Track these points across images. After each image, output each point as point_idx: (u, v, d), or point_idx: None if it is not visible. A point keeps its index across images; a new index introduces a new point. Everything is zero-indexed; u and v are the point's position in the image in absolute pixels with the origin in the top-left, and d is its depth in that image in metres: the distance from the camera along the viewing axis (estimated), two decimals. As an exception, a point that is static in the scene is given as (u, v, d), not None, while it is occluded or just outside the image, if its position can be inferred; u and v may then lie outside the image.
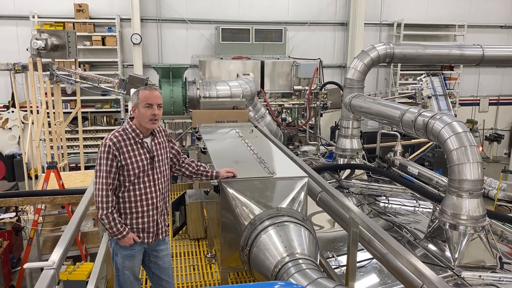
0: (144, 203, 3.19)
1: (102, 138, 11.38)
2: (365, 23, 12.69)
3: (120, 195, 3.15)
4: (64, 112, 9.86)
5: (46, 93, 8.73)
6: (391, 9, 13.32)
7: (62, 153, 9.55)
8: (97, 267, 3.35)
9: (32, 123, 8.81)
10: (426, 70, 12.59)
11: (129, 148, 3.12)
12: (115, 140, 3.09)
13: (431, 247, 4.63)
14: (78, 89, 9.60)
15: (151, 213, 3.23)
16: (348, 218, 3.10)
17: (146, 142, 3.21)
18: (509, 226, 5.70)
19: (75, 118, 10.05)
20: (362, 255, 3.94)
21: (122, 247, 3.20)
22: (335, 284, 2.56)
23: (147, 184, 3.19)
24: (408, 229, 5.19)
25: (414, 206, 6.08)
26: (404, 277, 2.65)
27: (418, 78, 11.60)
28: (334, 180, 7.05)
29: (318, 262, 2.97)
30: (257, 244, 3.03)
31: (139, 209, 3.19)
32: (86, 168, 10.14)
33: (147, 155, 3.19)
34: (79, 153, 10.26)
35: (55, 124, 9.10)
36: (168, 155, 3.41)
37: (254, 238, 3.07)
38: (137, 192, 3.16)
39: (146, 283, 4.26)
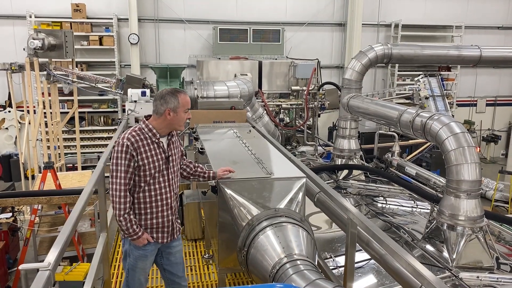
0: (159, 203, 3.17)
1: (99, 138, 11.58)
2: (362, 24, 12.69)
3: (135, 195, 3.12)
4: (61, 112, 9.82)
5: (43, 93, 8.69)
6: (388, 10, 13.33)
7: (59, 153, 9.51)
8: (93, 268, 3.33)
9: (29, 123, 8.77)
10: (423, 71, 12.62)
11: (146, 148, 3.08)
12: (132, 140, 3.05)
13: (429, 247, 4.63)
14: (75, 89, 9.56)
15: (165, 213, 3.21)
16: (346, 218, 3.09)
17: (162, 142, 3.18)
18: (506, 226, 5.70)
19: (72, 118, 10.01)
20: (360, 256, 3.93)
21: (136, 248, 3.18)
22: (333, 285, 2.54)
23: (162, 185, 3.17)
24: (405, 230, 5.19)
25: (411, 207, 6.09)
26: (403, 278, 2.64)
27: (416, 78, 11.63)
28: (332, 180, 7.05)
29: (316, 263, 2.95)
30: (254, 245, 3.01)
31: (154, 210, 3.17)
32: (83, 168, 10.10)
33: (163, 155, 3.16)
34: (76, 153, 10.22)
35: (52, 124, 9.07)
36: (180, 154, 3.41)
37: (252, 239, 3.05)
38: (152, 193, 3.14)
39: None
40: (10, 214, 6.75)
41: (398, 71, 13.45)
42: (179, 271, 3.46)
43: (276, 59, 11.35)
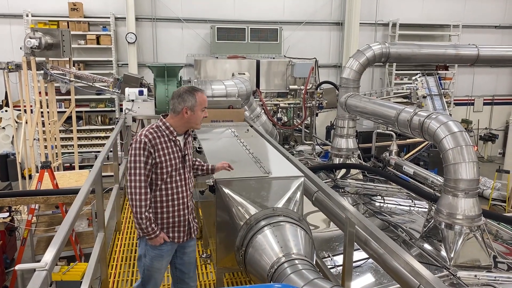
0: (176, 202, 3.16)
1: (96, 137, 11.55)
2: (360, 23, 12.69)
3: (151, 194, 3.11)
4: (58, 112, 9.80)
5: (40, 92, 8.66)
6: (386, 9, 13.34)
7: (56, 153, 9.48)
8: (91, 268, 3.32)
9: (26, 123, 8.74)
10: (421, 70, 12.62)
11: (164, 145, 3.08)
12: (150, 136, 3.04)
13: (427, 246, 4.63)
14: (72, 88, 9.53)
15: (182, 212, 3.20)
16: (344, 217, 3.08)
17: (179, 140, 3.17)
18: (503, 225, 5.71)
19: (69, 118, 9.98)
20: (358, 255, 3.93)
21: (152, 248, 3.16)
22: (331, 285, 2.54)
23: (179, 183, 3.16)
24: (403, 229, 5.19)
25: (409, 206, 6.09)
26: (401, 277, 2.64)
27: (413, 78, 11.63)
28: (330, 179, 7.05)
29: (314, 262, 2.95)
30: (252, 244, 3.00)
31: (170, 208, 3.15)
32: (81, 167, 10.08)
33: (179, 154, 3.16)
34: (73, 152, 10.20)
35: (49, 124, 9.04)
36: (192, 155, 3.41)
37: (250, 239, 3.04)
38: (169, 191, 3.13)
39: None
40: (7, 213, 6.74)
41: (396, 70, 13.46)
42: (191, 271, 3.44)
43: (274, 58, 11.35)
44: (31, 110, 8.72)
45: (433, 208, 4.88)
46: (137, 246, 4.95)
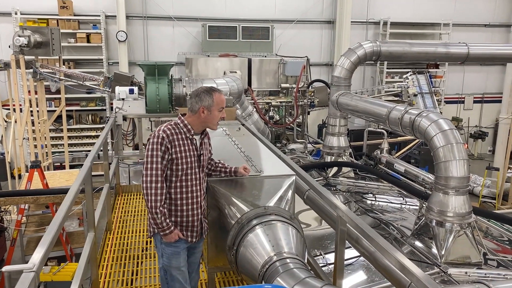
0: (190, 201, 3.16)
1: (87, 136, 11.47)
2: (351, 22, 12.73)
3: (166, 189, 3.10)
4: (48, 111, 9.71)
5: (29, 91, 8.57)
6: (377, 8, 13.38)
7: (46, 152, 9.40)
8: (81, 268, 3.28)
9: (15, 122, 8.66)
10: (412, 68, 12.69)
11: (181, 142, 3.08)
12: (168, 132, 3.05)
13: (418, 244, 4.65)
14: (62, 87, 9.45)
15: (195, 212, 3.19)
16: (335, 216, 3.08)
17: (195, 139, 3.17)
18: (493, 222, 5.75)
19: (59, 117, 9.90)
20: (349, 253, 3.94)
21: (167, 246, 3.14)
22: (322, 284, 2.54)
23: (194, 182, 3.16)
24: (395, 226, 5.21)
25: (400, 204, 6.12)
26: (392, 275, 2.64)
27: (404, 76, 11.70)
28: (322, 178, 7.05)
29: (305, 261, 2.95)
30: (244, 243, 2.99)
31: (185, 207, 3.15)
32: (71, 167, 10.00)
33: (195, 152, 3.15)
34: (63, 152, 10.11)
35: (39, 123, 8.95)
36: (209, 156, 3.39)
37: (241, 238, 3.03)
38: (184, 189, 3.13)
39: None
40: (-4, 214, 6.67)
41: (387, 68, 13.51)
42: (194, 271, 3.45)
43: (265, 56, 11.34)
44: (21, 109, 8.63)
45: (424, 205, 4.91)
46: (129, 246, 4.96)
